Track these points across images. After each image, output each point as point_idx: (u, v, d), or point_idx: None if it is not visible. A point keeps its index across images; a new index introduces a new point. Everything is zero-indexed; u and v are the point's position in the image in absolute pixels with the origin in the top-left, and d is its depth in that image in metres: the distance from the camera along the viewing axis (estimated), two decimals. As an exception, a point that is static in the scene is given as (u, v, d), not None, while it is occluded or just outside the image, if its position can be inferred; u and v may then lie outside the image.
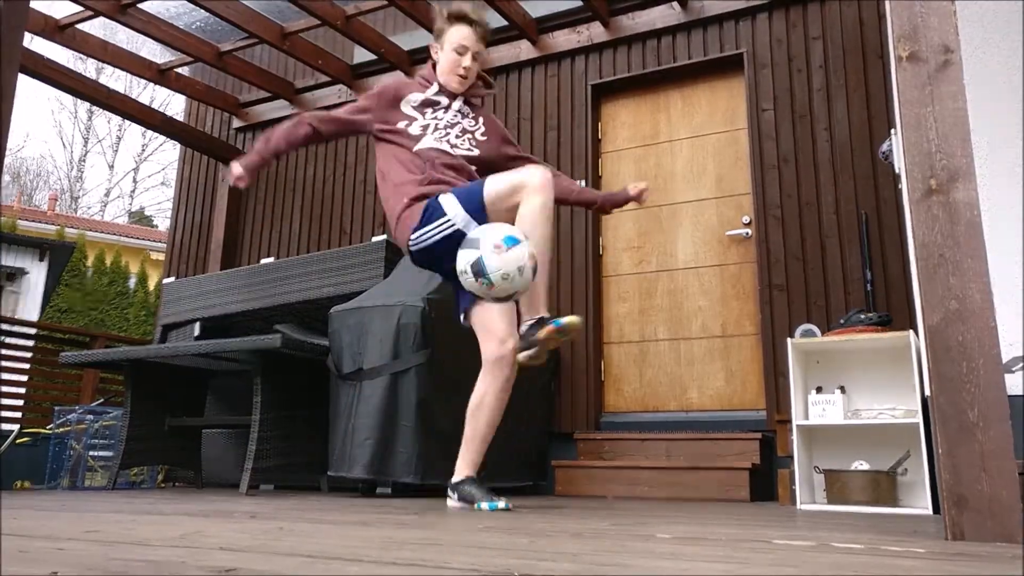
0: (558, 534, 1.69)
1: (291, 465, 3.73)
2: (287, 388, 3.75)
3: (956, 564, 1.25)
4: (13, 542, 1.36)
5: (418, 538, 1.55)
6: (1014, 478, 1.53)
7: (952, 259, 1.65)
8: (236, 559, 1.17)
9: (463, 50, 2.80)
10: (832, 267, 4.11)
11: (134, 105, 5.85)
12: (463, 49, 2.80)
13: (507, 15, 4.84)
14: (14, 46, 2.77)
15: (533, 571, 1.08)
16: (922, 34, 1.78)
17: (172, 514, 2.17)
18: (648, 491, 3.84)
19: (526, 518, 2.23)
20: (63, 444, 4.44)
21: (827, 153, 4.26)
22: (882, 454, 3.38)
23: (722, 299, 4.46)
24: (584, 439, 4.34)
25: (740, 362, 4.35)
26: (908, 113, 1.76)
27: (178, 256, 6.43)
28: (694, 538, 1.66)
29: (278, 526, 1.80)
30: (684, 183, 4.71)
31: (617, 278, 4.78)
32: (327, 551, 1.29)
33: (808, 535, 1.80)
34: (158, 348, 3.85)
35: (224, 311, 4.51)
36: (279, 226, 5.98)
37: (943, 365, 1.62)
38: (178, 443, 4.27)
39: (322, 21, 4.85)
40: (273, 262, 4.42)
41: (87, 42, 5.24)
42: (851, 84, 4.27)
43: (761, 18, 4.60)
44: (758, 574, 1.11)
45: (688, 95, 4.83)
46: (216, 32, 5.60)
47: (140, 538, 1.47)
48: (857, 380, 3.56)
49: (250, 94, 6.24)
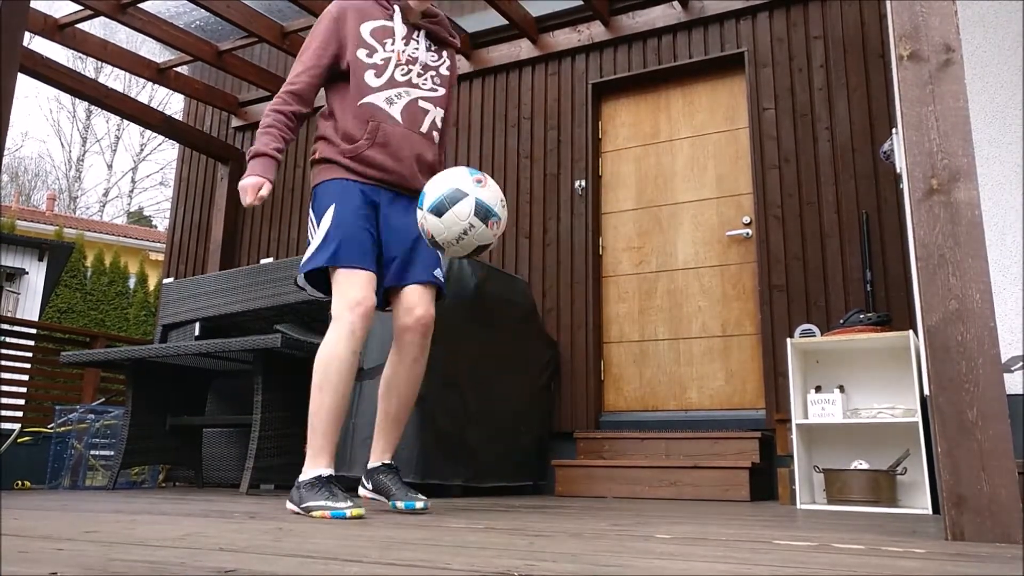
0: (558, 534, 1.69)
1: (292, 465, 3.72)
2: (287, 388, 3.75)
3: (956, 564, 1.24)
4: (13, 542, 1.36)
5: (418, 538, 1.55)
6: (1014, 478, 1.53)
7: (952, 259, 1.65)
8: (236, 559, 1.16)
9: None
10: (832, 267, 4.11)
11: (133, 104, 5.85)
12: None
13: (507, 14, 4.84)
14: (14, 46, 2.77)
15: (533, 571, 1.08)
16: (923, 33, 1.78)
17: (172, 514, 2.17)
18: (648, 491, 3.84)
19: (526, 518, 2.23)
20: (64, 443, 4.44)
21: (828, 153, 4.26)
22: (882, 454, 3.38)
23: (722, 299, 4.46)
24: (584, 438, 4.34)
25: (740, 362, 4.35)
26: (909, 112, 1.76)
27: (177, 256, 6.43)
28: (694, 538, 1.66)
29: (278, 526, 1.80)
30: (684, 183, 4.71)
31: (617, 278, 4.78)
32: (327, 551, 1.29)
33: (808, 535, 1.80)
34: (159, 348, 3.85)
35: (224, 311, 4.50)
36: (279, 226, 5.98)
37: (943, 365, 1.62)
38: (179, 443, 4.27)
39: (322, 20, 4.85)
40: (273, 262, 4.42)
41: (86, 41, 5.24)
42: (852, 83, 4.27)
43: (762, 17, 4.60)
44: (758, 574, 1.11)
45: (689, 94, 4.83)
46: (216, 31, 5.60)
47: (140, 538, 1.47)
48: (857, 380, 3.57)
49: (249, 93, 6.24)
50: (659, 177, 4.78)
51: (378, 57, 2.45)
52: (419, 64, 2.51)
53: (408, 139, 2.44)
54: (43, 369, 5.84)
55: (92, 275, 12.64)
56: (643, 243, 4.74)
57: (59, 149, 37.55)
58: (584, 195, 4.84)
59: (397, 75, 2.46)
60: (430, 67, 2.54)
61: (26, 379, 5.64)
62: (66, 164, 26.72)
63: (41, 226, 15.77)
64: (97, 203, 26.87)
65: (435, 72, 2.55)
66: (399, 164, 2.42)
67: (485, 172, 2.31)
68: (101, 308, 12.43)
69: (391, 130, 2.42)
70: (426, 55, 2.54)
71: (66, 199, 25.74)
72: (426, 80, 2.51)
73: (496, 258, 4.98)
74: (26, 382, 5.62)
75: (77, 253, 12.69)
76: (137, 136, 26.74)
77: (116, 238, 17.31)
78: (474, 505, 2.92)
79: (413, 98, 2.47)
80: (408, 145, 2.43)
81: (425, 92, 2.50)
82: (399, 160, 2.42)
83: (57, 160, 35.44)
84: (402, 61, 2.47)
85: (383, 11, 2.51)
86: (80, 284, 12.51)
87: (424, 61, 2.52)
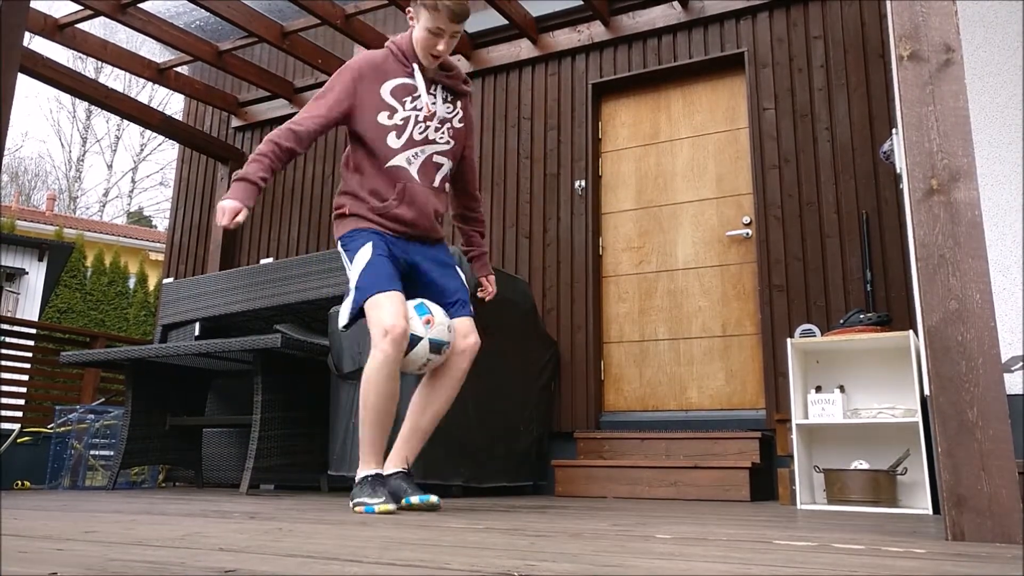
0: (558, 534, 1.69)
1: (291, 465, 3.73)
2: (287, 388, 3.75)
3: (956, 564, 1.24)
4: (13, 542, 1.36)
5: (418, 538, 1.55)
6: (1014, 478, 1.53)
7: (952, 259, 1.65)
8: (236, 559, 1.16)
9: (439, 32, 2.54)
10: (832, 267, 4.11)
11: (133, 104, 5.85)
12: (439, 31, 2.54)
13: (507, 14, 4.84)
14: (14, 46, 2.77)
15: (533, 571, 1.08)
16: (923, 33, 1.78)
17: (172, 514, 2.17)
18: (648, 490, 3.84)
19: (526, 518, 2.23)
20: (64, 443, 4.44)
21: (828, 153, 4.26)
22: (882, 453, 3.38)
23: (722, 299, 4.46)
24: (584, 438, 4.34)
25: (740, 362, 4.35)
26: (909, 113, 1.76)
27: (177, 256, 6.43)
28: (694, 538, 1.66)
29: (278, 526, 1.80)
30: (684, 183, 4.71)
31: (617, 278, 4.78)
32: (327, 551, 1.29)
33: (808, 535, 1.80)
34: (159, 348, 3.85)
35: (224, 311, 4.50)
36: (278, 226, 5.98)
37: (943, 365, 1.61)
38: (179, 443, 4.28)
39: (322, 20, 4.85)
40: (273, 262, 4.42)
41: (86, 41, 5.24)
42: (852, 83, 4.27)
43: (762, 17, 4.60)
44: (758, 574, 1.10)
45: (689, 94, 4.83)
46: (216, 31, 5.60)
47: (140, 538, 1.47)
48: (857, 380, 3.57)
49: (249, 93, 6.25)
50: (659, 177, 4.78)
51: (398, 117, 2.60)
52: (436, 119, 2.65)
53: (426, 195, 2.61)
54: (43, 369, 5.84)
55: (92, 275, 12.64)
56: (643, 243, 4.74)
57: (59, 149, 37.58)
58: (584, 195, 4.84)
59: (415, 134, 2.61)
60: (446, 120, 2.67)
61: (26, 379, 5.64)
62: (66, 164, 26.73)
63: (41, 226, 15.78)
64: (97, 203, 26.89)
65: (449, 124, 2.68)
66: (423, 218, 2.61)
67: (431, 303, 2.55)
68: (101, 308, 12.43)
69: (414, 189, 2.60)
70: (443, 108, 2.67)
71: (66, 199, 25.75)
72: (442, 134, 2.66)
73: (496, 258, 4.98)
74: (26, 382, 5.63)
75: (77, 253, 12.69)
76: (137, 136, 26.77)
77: (116, 238, 17.31)
78: (474, 505, 2.92)
79: (429, 155, 2.64)
80: (428, 201, 2.61)
81: (441, 146, 2.66)
82: (423, 215, 2.61)
83: (57, 160, 35.48)
84: (421, 120, 2.61)
85: (403, 69, 2.63)
86: (80, 284, 12.51)
87: (441, 115, 2.67)
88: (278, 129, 2.58)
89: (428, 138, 2.62)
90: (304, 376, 3.82)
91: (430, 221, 2.63)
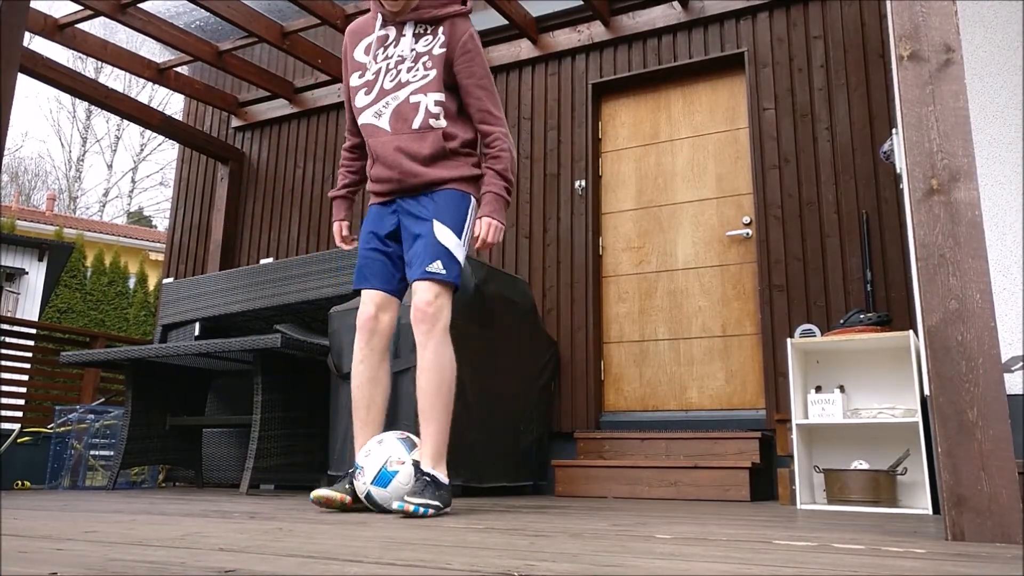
0: (558, 534, 1.69)
1: (291, 465, 3.73)
2: (287, 388, 3.75)
3: (956, 564, 1.24)
4: (13, 542, 1.36)
5: (418, 538, 1.55)
6: (1014, 478, 1.53)
7: (952, 259, 1.65)
8: (236, 559, 1.16)
9: None
10: (832, 267, 4.11)
11: (133, 104, 5.85)
12: None
13: (507, 14, 4.84)
14: (14, 46, 2.77)
15: (533, 571, 1.08)
16: (923, 33, 1.78)
17: (172, 514, 2.17)
18: (648, 491, 3.84)
19: (526, 518, 2.23)
20: (64, 443, 4.44)
21: (828, 153, 4.26)
22: (882, 454, 3.38)
23: (722, 299, 4.46)
24: (584, 438, 4.34)
25: (740, 362, 4.35)
26: (909, 112, 1.76)
27: (177, 256, 6.43)
28: (694, 538, 1.66)
29: (278, 526, 1.80)
30: (684, 183, 4.71)
31: (617, 278, 4.78)
32: (327, 551, 1.29)
33: (808, 535, 1.80)
34: (159, 348, 3.85)
35: (224, 311, 4.50)
36: (278, 226, 5.98)
37: (943, 365, 1.61)
38: (179, 443, 4.28)
39: (322, 20, 4.85)
40: (273, 262, 4.42)
41: (86, 41, 5.24)
42: (852, 83, 4.27)
43: (762, 17, 4.60)
44: (758, 574, 1.10)
45: (689, 94, 4.83)
46: (215, 31, 5.60)
47: (140, 538, 1.47)
48: (857, 380, 3.57)
49: (249, 93, 6.24)
50: (659, 177, 4.78)
51: (369, 74, 2.55)
52: (408, 60, 2.49)
53: (391, 145, 2.47)
54: (43, 369, 5.84)
55: (92, 275, 12.64)
56: (643, 243, 4.74)
57: (59, 149, 37.58)
58: (584, 195, 4.84)
59: (386, 83, 2.52)
60: (421, 54, 2.49)
61: (26, 379, 5.64)
62: (66, 164, 26.74)
63: (41, 226, 15.78)
64: (97, 203, 26.90)
65: (427, 56, 2.48)
66: (389, 171, 2.49)
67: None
68: (101, 308, 12.43)
69: (378, 143, 2.51)
70: (414, 44, 2.50)
71: (66, 199, 25.75)
72: (417, 70, 2.48)
73: (496, 258, 4.98)
74: (26, 382, 5.62)
75: (77, 253, 12.69)
76: (137, 136, 26.77)
77: (116, 238, 17.31)
78: (474, 505, 2.92)
79: (404, 99, 2.48)
80: (390, 150, 2.47)
81: (417, 83, 2.47)
82: (391, 168, 2.48)
83: (57, 160, 35.49)
84: (392, 67, 2.52)
85: (374, 23, 2.59)
86: (80, 284, 12.51)
87: (416, 51, 2.49)
88: None
89: (402, 81, 2.48)
90: (304, 376, 3.82)
91: (400, 172, 2.46)
